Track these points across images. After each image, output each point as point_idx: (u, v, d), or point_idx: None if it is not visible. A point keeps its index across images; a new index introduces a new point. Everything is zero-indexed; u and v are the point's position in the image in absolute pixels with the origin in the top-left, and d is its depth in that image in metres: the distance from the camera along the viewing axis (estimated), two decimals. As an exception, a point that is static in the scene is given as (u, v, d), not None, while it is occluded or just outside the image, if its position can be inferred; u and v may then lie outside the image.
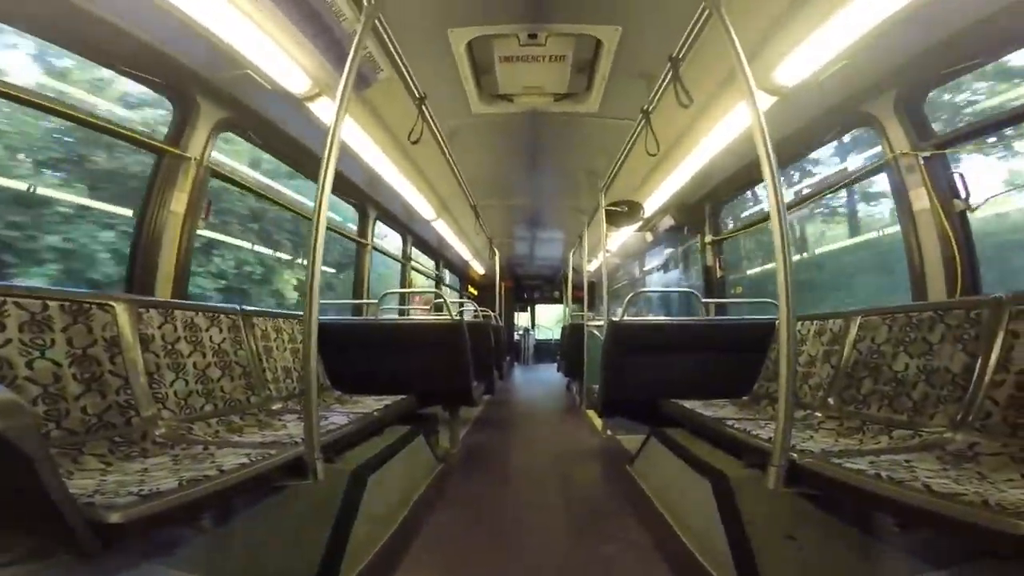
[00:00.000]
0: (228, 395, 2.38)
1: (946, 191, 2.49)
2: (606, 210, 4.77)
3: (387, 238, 6.79)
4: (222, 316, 2.52)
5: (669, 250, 6.78)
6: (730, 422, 2.35)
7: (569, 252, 8.38)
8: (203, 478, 1.33)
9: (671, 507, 2.56)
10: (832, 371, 2.49)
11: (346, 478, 2.04)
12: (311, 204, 1.91)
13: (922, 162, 2.53)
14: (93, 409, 1.72)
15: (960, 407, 1.80)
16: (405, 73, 2.61)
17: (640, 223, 5.64)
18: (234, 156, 4.03)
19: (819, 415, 2.40)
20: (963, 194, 2.44)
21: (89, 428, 1.69)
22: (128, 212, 3.22)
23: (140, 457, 1.68)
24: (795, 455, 1.62)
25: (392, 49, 2.39)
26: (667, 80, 2.56)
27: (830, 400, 2.43)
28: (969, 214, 2.44)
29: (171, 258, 2.60)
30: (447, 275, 10.00)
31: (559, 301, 14.12)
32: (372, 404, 2.86)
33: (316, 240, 1.72)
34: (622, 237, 6.87)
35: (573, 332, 6.53)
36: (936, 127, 2.61)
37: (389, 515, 2.41)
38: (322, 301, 1.81)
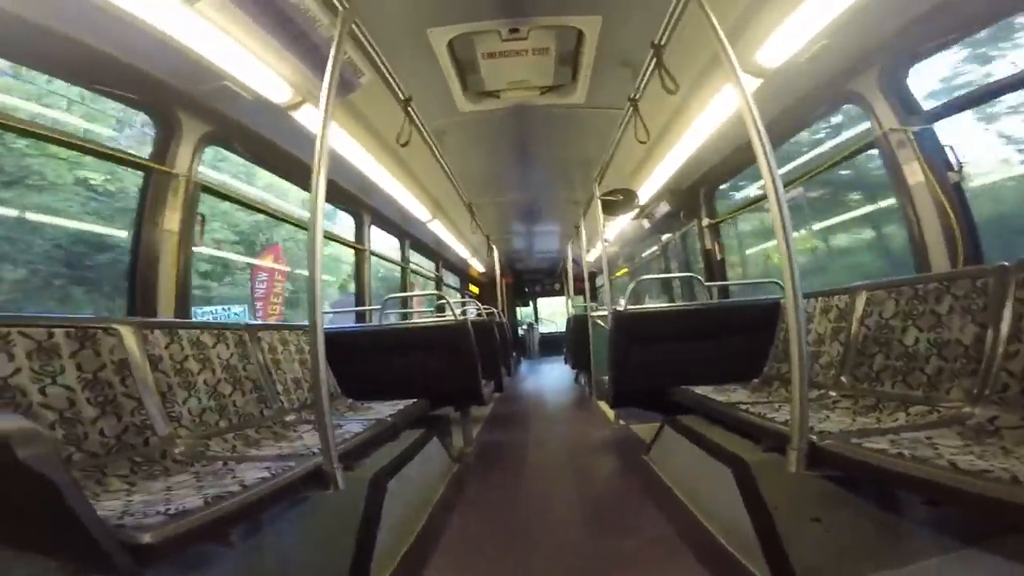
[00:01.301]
0: (241, 410, 2.39)
1: (939, 164, 2.49)
2: (601, 200, 4.77)
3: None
4: (227, 332, 2.52)
5: (667, 236, 6.78)
6: (744, 406, 2.34)
7: (567, 244, 8.38)
8: (227, 494, 1.33)
9: (692, 495, 2.55)
10: (842, 349, 2.48)
11: (365, 485, 2.05)
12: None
13: (912, 136, 2.54)
14: (110, 431, 1.73)
15: (976, 380, 1.78)
16: (388, 76, 2.60)
17: (636, 211, 5.65)
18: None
19: (833, 394, 2.39)
20: (956, 165, 2.45)
21: (109, 450, 1.69)
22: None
23: (162, 476, 1.69)
24: (814, 437, 1.60)
25: (372, 53, 2.37)
26: (651, 67, 2.56)
27: (843, 378, 2.42)
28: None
29: (171, 277, 2.60)
30: (447, 275, 9.99)
31: (561, 293, 14.12)
32: (385, 410, 2.87)
33: (315, 249, 1.72)
34: (619, 225, 6.87)
35: (578, 324, 6.53)
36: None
37: (411, 519, 2.42)
38: (327, 311, 1.81)
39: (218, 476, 1.62)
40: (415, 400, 3.14)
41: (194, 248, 2.78)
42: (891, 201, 2.95)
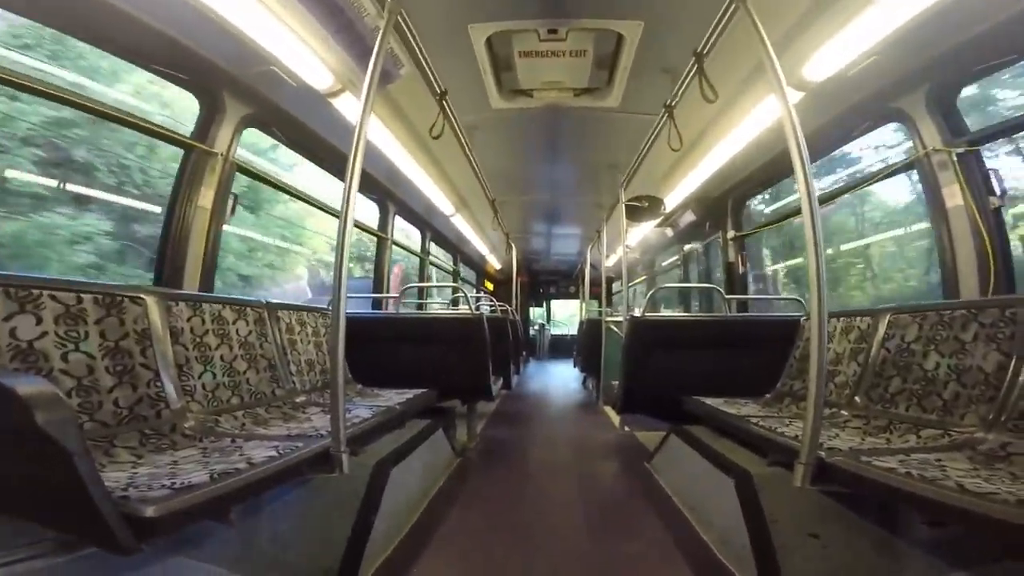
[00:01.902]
0: (254, 388, 2.42)
1: (980, 188, 2.43)
2: (626, 205, 4.74)
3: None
4: (248, 309, 2.56)
5: (689, 246, 6.70)
6: (754, 420, 2.33)
7: (587, 247, 8.34)
8: (234, 471, 1.35)
9: (691, 504, 2.54)
10: (859, 369, 2.45)
11: (369, 471, 2.06)
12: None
13: (955, 158, 2.47)
14: (125, 402, 1.76)
15: (993, 407, 1.77)
16: (426, 68, 2.62)
17: (660, 218, 5.59)
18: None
19: (845, 413, 2.37)
20: (998, 190, 2.38)
21: (121, 420, 1.72)
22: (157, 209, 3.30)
23: (170, 449, 1.71)
24: (823, 453, 1.60)
25: (414, 44, 2.40)
26: (691, 75, 2.54)
27: (856, 398, 2.39)
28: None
29: (199, 252, 2.65)
30: (463, 270, 10.02)
31: (575, 296, 14.08)
32: (393, 398, 2.89)
33: (344, 236, 1.73)
34: (641, 232, 6.81)
35: (590, 328, 6.50)
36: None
37: (409, 508, 2.43)
38: (349, 295, 1.82)
39: (225, 453, 1.64)
40: (424, 390, 3.15)
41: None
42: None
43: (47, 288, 1.64)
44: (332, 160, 3.85)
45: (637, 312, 3.44)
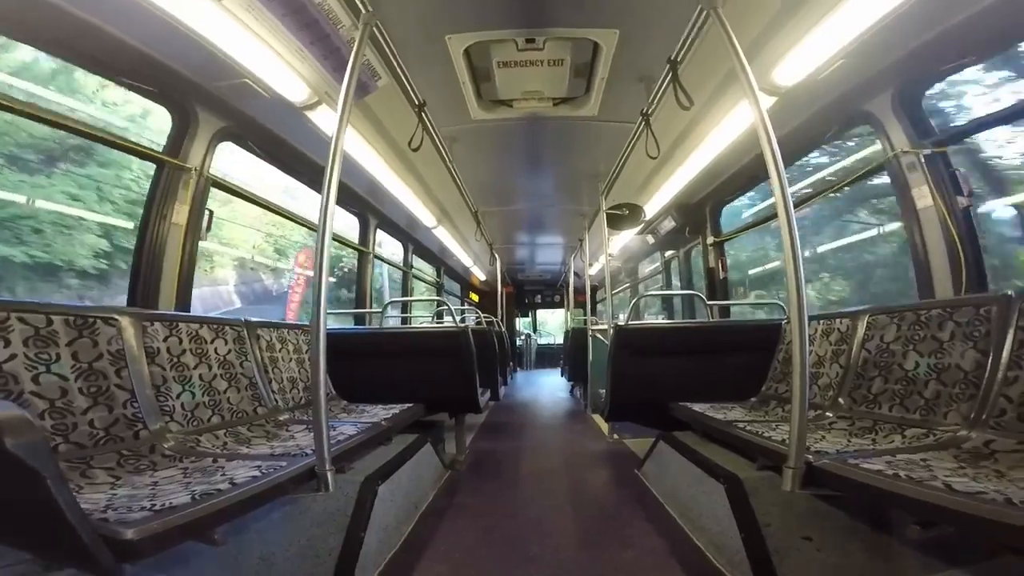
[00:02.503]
0: (235, 406, 2.37)
1: (949, 188, 2.49)
2: (607, 213, 4.77)
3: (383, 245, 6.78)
4: (227, 328, 2.51)
5: (670, 252, 6.78)
6: (741, 424, 2.34)
7: (570, 256, 8.38)
8: (216, 491, 1.31)
9: (683, 511, 2.54)
10: (841, 371, 2.48)
11: (357, 488, 2.02)
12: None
13: (923, 159, 2.54)
14: (100, 423, 1.71)
15: (974, 405, 1.79)
16: (404, 80, 2.62)
17: (641, 226, 5.64)
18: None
19: (830, 415, 2.39)
20: (965, 190, 2.45)
21: (97, 442, 1.68)
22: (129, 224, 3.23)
23: (149, 470, 1.66)
24: (810, 456, 1.61)
25: (391, 56, 2.40)
26: (666, 82, 2.58)
27: (840, 400, 2.42)
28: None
29: (174, 270, 2.60)
30: (448, 282, 9.99)
31: (561, 306, 14.11)
32: (380, 413, 2.85)
33: (322, 250, 1.71)
34: (623, 240, 6.87)
35: (576, 336, 6.51)
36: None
37: (400, 524, 2.39)
38: (330, 311, 1.80)
39: (207, 473, 1.60)
40: (410, 405, 3.12)
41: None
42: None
43: (14, 310, 1.60)
44: (310, 174, 3.82)
45: (621, 320, 3.45)
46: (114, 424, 1.76)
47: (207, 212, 2.81)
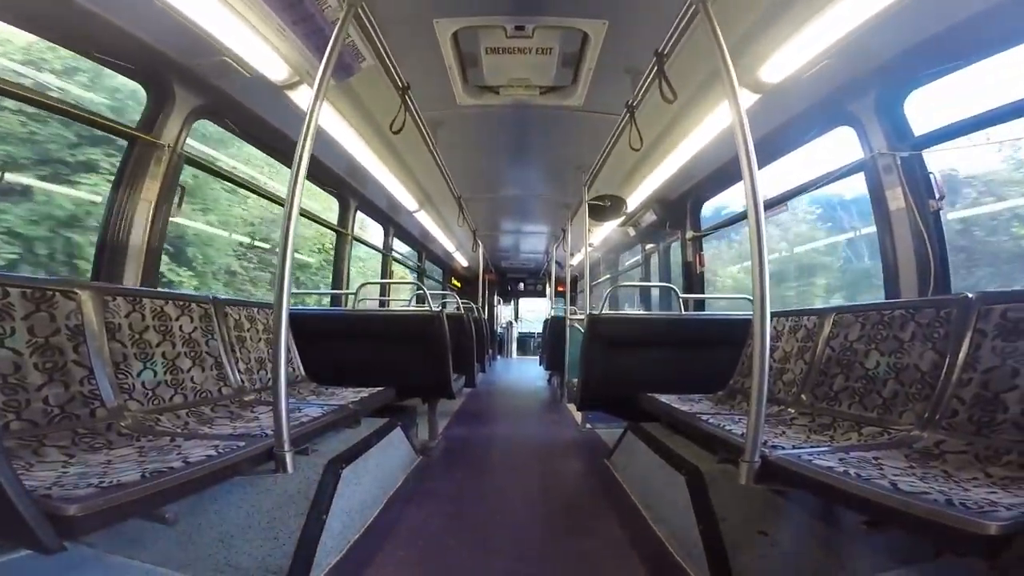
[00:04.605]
0: (199, 386, 2.33)
1: (921, 191, 2.53)
2: (589, 204, 4.77)
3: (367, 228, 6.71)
4: (193, 305, 2.46)
5: (650, 245, 6.81)
6: (705, 417, 2.36)
7: (553, 246, 8.38)
8: (167, 470, 1.29)
9: (646, 501, 2.58)
10: (806, 367, 2.52)
11: (320, 470, 2.01)
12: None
13: (899, 162, 2.57)
14: (55, 400, 1.67)
15: (928, 405, 1.83)
16: (388, 62, 2.58)
17: (623, 218, 5.66)
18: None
19: (792, 411, 2.43)
20: (937, 194, 2.49)
21: (51, 419, 1.64)
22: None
23: (104, 449, 1.63)
24: (766, 451, 1.63)
25: (375, 38, 2.36)
26: (652, 75, 2.57)
27: (803, 396, 2.46)
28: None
29: (141, 246, 2.55)
30: (428, 267, 9.94)
31: (542, 295, 14.15)
32: (349, 396, 2.83)
33: (289, 228, 1.69)
34: (605, 231, 6.89)
35: (555, 325, 6.53)
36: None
37: (365, 508, 2.39)
38: (298, 291, 1.78)
39: (163, 452, 1.57)
40: (381, 388, 3.10)
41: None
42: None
43: None
44: (290, 154, 3.73)
45: (597, 309, 3.47)
46: (70, 401, 1.72)
47: (179, 188, 2.75)
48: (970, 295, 1.83)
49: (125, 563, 1.75)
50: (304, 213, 3.72)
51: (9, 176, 3.89)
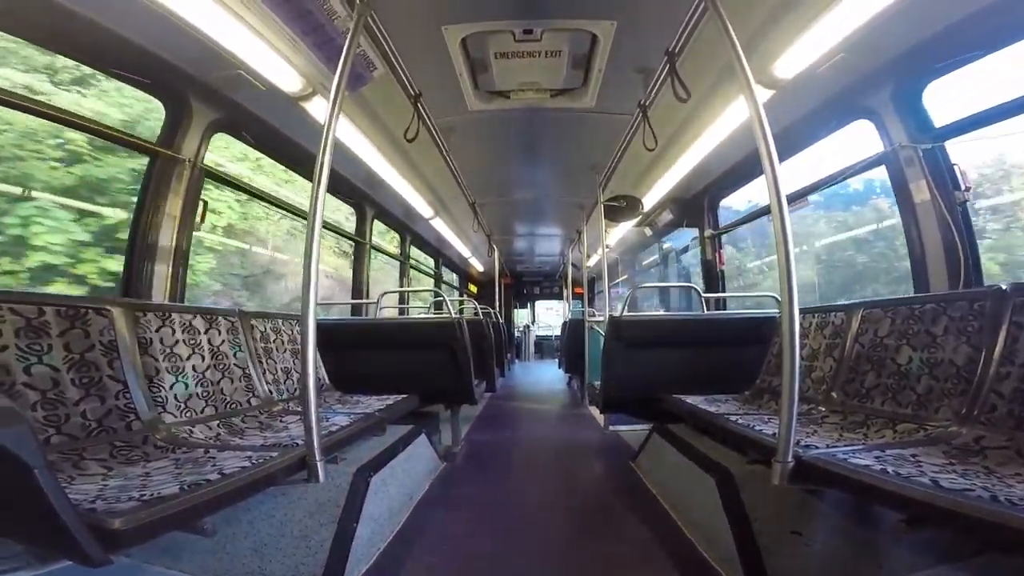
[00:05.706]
0: (228, 397, 2.37)
1: (946, 182, 2.48)
2: (605, 205, 4.76)
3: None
4: (220, 318, 2.51)
5: (668, 245, 6.77)
6: (733, 418, 2.34)
7: (568, 248, 8.36)
8: (205, 482, 1.32)
9: (675, 503, 2.55)
10: (835, 364, 2.48)
11: (349, 479, 2.03)
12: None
13: (921, 154, 2.52)
14: (93, 414, 1.71)
15: (965, 400, 1.79)
16: (400, 71, 2.60)
17: (639, 218, 5.62)
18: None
19: (822, 409, 2.39)
20: (962, 185, 2.44)
21: (89, 433, 1.68)
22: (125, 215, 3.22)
23: (141, 461, 1.67)
24: (799, 450, 1.61)
25: (386, 47, 2.39)
26: (663, 74, 2.56)
27: (833, 394, 2.42)
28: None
29: (168, 261, 2.60)
30: (446, 273, 9.98)
31: (559, 297, 14.11)
32: (374, 404, 2.85)
33: (312, 240, 1.71)
34: (621, 232, 6.86)
35: (574, 328, 6.51)
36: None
37: (393, 515, 2.40)
38: (321, 302, 1.80)
39: (198, 463, 1.60)
40: (404, 396, 3.13)
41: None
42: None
43: (6, 301, 1.60)
44: (306, 165, 3.79)
45: (617, 311, 3.45)
46: (107, 415, 1.76)
47: (201, 203, 2.80)
48: (1004, 286, 1.79)
49: (163, 574, 1.78)
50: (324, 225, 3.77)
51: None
